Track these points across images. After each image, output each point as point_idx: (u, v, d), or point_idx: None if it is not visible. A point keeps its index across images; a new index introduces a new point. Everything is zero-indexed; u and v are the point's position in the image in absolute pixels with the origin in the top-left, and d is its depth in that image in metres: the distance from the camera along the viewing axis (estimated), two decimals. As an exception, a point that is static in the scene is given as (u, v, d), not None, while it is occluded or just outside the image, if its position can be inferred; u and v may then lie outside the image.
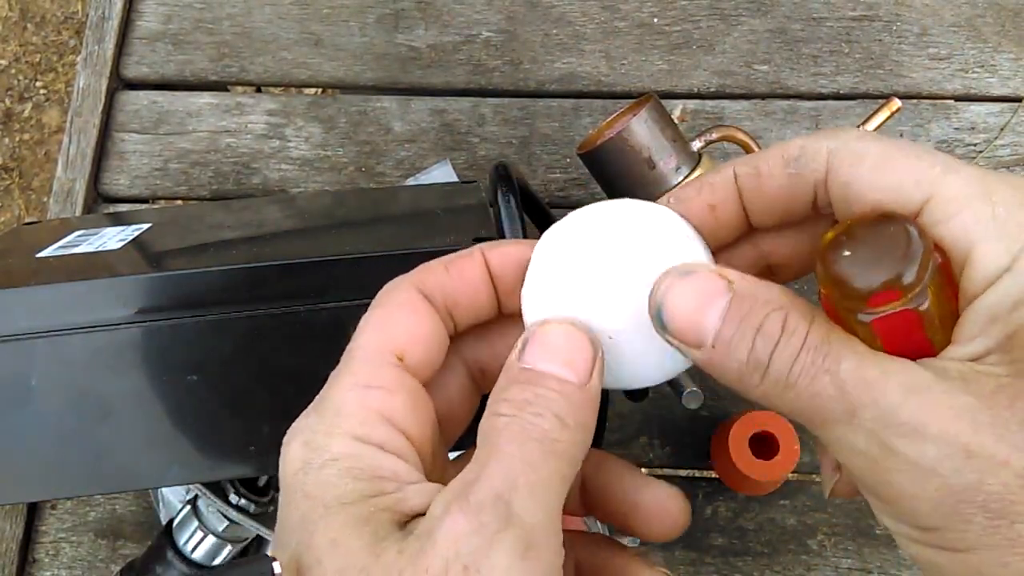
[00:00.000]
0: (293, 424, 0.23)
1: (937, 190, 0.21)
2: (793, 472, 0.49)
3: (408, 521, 0.21)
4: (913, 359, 0.21)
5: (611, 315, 0.23)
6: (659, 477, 0.55)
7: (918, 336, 0.21)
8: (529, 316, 0.24)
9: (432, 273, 0.25)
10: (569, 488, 0.21)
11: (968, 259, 0.21)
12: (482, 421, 0.22)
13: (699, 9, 0.64)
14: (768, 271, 0.27)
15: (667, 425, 0.55)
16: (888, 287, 0.20)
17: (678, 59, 0.63)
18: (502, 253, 0.25)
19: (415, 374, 0.24)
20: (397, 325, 0.24)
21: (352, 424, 0.22)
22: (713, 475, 0.54)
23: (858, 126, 0.43)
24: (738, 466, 0.48)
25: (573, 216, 0.25)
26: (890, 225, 0.21)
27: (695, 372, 0.28)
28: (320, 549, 0.20)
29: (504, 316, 0.26)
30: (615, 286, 0.23)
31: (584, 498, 0.27)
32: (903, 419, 0.19)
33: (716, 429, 0.53)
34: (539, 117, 0.62)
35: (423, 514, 0.21)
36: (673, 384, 0.48)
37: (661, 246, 0.24)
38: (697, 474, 0.55)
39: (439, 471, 0.24)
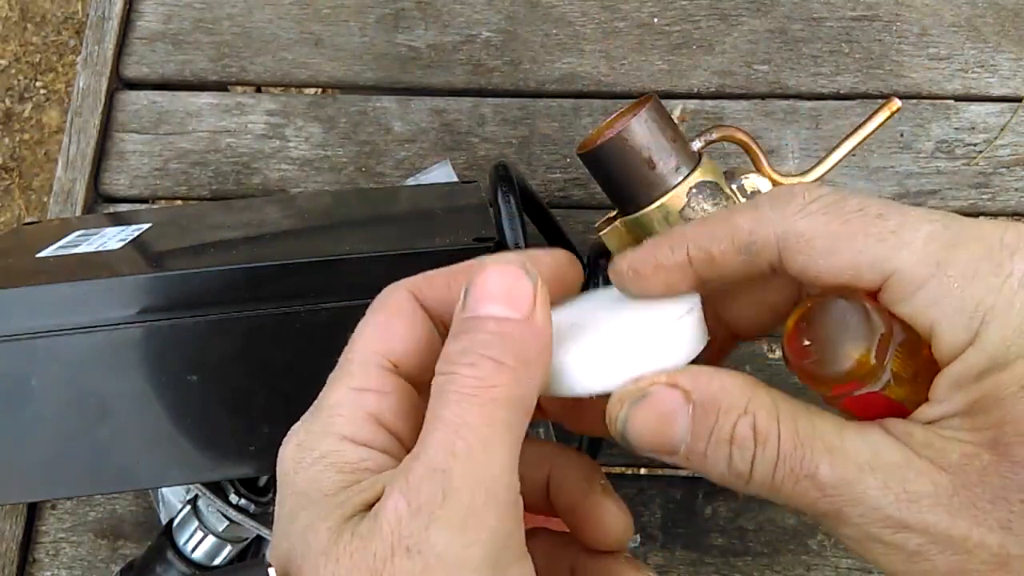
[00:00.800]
0: (292, 428, 0.24)
1: (893, 268, 0.21)
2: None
3: (374, 503, 0.21)
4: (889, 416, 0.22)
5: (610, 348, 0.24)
6: (659, 477, 0.55)
7: (888, 405, 0.22)
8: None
9: (433, 287, 0.25)
10: (523, 432, 0.21)
11: (932, 335, 0.21)
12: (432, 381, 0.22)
13: (699, 9, 0.64)
14: (729, 334, 0.28)
15: (667, 425, 0.55)
16: (849, 378, 0.21)
17: (678, 59, 0.63)
18: (505, 258, 0.26)
19: (409, 378, 0.24)
20: (393, 331, 0.24)
21: (342, 424, 0.23)
22: (713, 475, 0.54)
23: (858, 126, 0.43)
24: (738, 466, 0.48)
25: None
26: (847, 309, 0.21)
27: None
28: (297, 535, 0.21)
29: None
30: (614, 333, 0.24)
31: (547, 498, 0.27)
32: (887, 514, 0.20)
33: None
34: (539, 117, 0.62)
35: None
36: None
37: (645, 330, 0.24)
38: (697, 474, 0.55)
39: None
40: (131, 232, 0.43)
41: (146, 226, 0.44)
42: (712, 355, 0.28)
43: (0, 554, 0.54)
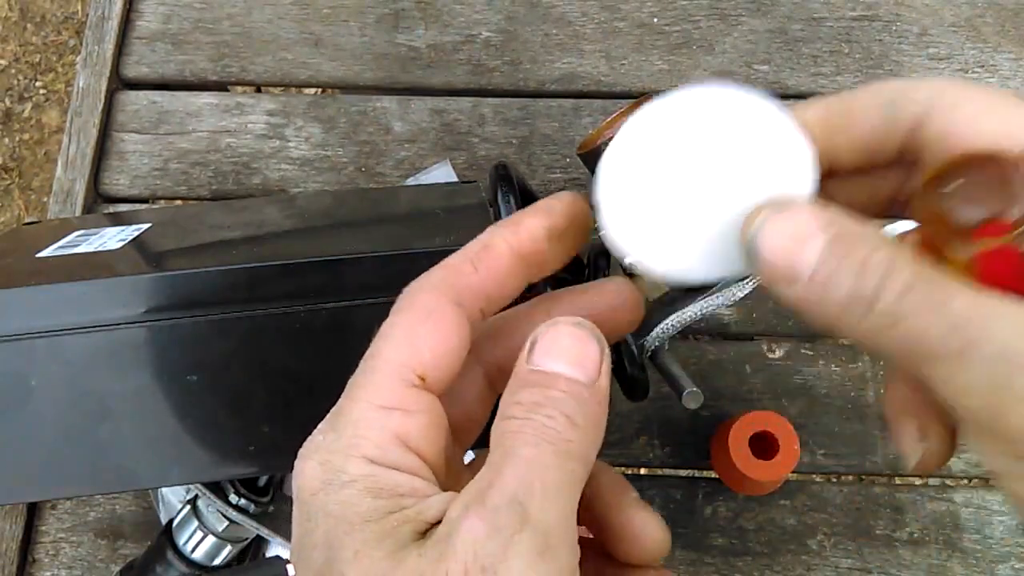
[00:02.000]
0: (309, 438, 0.23)
1: None
2: (793, 472, 0.49)
3: (427, 530, 0.21)
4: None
5: (691, 206, 0.23)
6: (659, 477, 0.55)
7: (1019, 276, 0.21)
8: (605, 215, 0.24)
9: (462, 275, 0.25)
10: (582, 488, 0.22)
11: None
12: (494, 425, 0.22)
13: (699, 9, 0.64)
14: None
15: (667, 425, 0.55)
16: (993, 220, 0.20)
17: (678, 59, 0.63)
18: (523, 233, 0.25)
19: (435, 390, 0.24)
20: (423, 340, 0.24)
21: (368, 447, 0.22)
22: (713, 475, 0.54)
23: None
24: (738, 466, 0.48)
25: (671, 96, 0.23)
26: (995, 163, 0.21)
27: (695, 373, 0.28)
28: (343, 562, 0.21)
29: (519, 316, 0.27)
30: (704, 180, 0.23)
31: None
32: (1020, 352, 0.19)
33: (716, 429, 0.53)
34: (539, 117, 0.62)
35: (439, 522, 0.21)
36: (673, 384, 0.48)
37: (765, 148, 0.23)
38: (697, 474, 0.55)
39: (454, 479, 0.24)
40: (131, 232, 0.43)
41: (146, 226, 0.44)
42: None
43: (0, 554, 0.54)
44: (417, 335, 0.24)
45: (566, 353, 0.23)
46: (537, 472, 0.21)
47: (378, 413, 0.23)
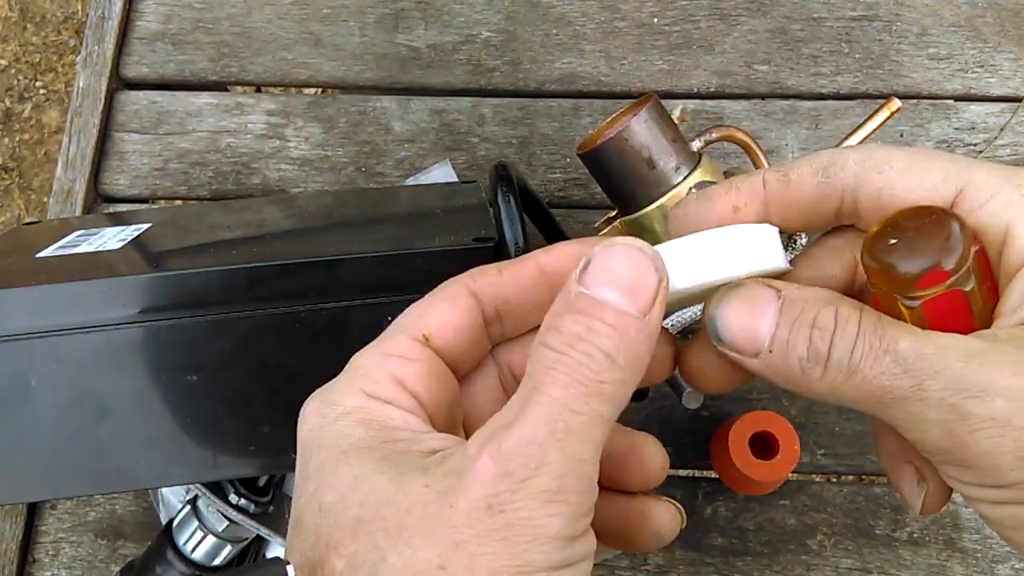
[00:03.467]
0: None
1: (966, 181, 0.23)
2: (793, 472, 0.49)
3: (426, 460, 0.21)
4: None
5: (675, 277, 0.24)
6: (659, 477, 0.55)
7: (964, 316, 0.22)
8: None
9: (485, 274, 0.26)
10: (612, 424, 0.22)
11: (1006, 238, 0.22)
12: (533, 346, 0.22)
13: (699, 9, 0.64)
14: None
15: (667, 425, 0.55)
16: (935, 269, 0.21)
17: (678, 59, 0.63)
18: (557, 254, 0.26)
19: (440, 353, 0.24)
20: (430, 310, 0.25)
21: (365, 382, 0.23)
22: (713, 475, 0.54)
23: (858, 126, 0.43)
24: (738, 466, 0.48)
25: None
26: (931, 215, 0.22)
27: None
28: (343, 485, 0.21)
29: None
30: (685, 264, 0.24)
31: None
32: (969, 382, 0.20)
33: (716, 429, 0.53)
34: (539, 117, 0.62)
35: (443, 450, 0.21)
36: (673, 384, 0.48)
37: (739, 240, 0.24)
38: (697, 474, 0.55)
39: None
40: (131, 232, 0.43)
41: (146, 226, 0.44)
42: None
43: (0, 554, 0.54)
44: (428, 307, 0.25)
45: (619, 279, 0.22)
46: (562, 415, 0.20)
47: (379, 357, 0.24)
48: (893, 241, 0.22)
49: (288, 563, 0.21)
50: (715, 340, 0.24)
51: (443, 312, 0.25)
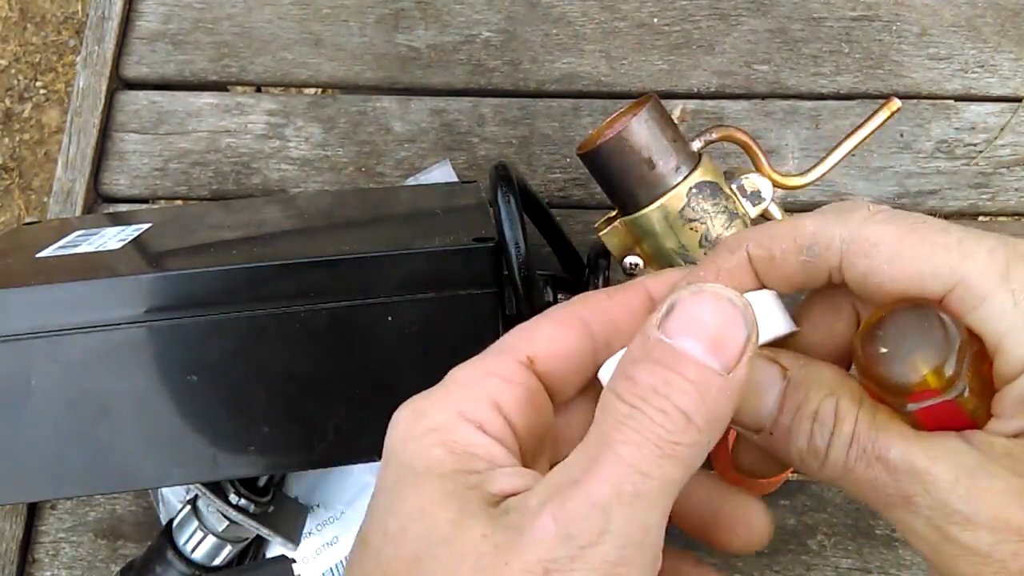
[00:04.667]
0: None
1: (957, 279, 0.21)
2: (793, 472, 0.49)
3: (499, 502, 0.20)
4: (957, 431, 0.21)
5: None
6: (659, 477, 0.55)
7: (960, 419, 0.22)
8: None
9: (593, 300, 0.25)
10: (679, 491, 0.20)
11: (998, 349, 0.21)
12: (604, 392, 0.21)
13: (699, 9, 0.64)
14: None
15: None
16: (928, 384, 0.21)
17: (678, 59, 0.63)
18: (665, 279, 0.25)
19: (543, 377, 0.23)
20: (540, 331, 0.24)
21: (461, 399, 0.22)
22: (713, 475, 0.54)
23: (858, 126, 0.43)
24: (738, 466, 0.48)
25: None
26: (923, 316, 0.21)
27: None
28: (407, 515, 0.20)
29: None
30: None
31: None
32: (956, 508, 0.20)
33: (716, 429, 0.53)
34: (539, 117, 0.62)
35: (513, 495, 0.20)
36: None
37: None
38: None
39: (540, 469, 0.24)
40: (131, 232, 0.43)
41: (146, 226, 0.44)
42: None
43: (0, 554, 0.54)
44: (537, 328, 0.24)
45: (705, 330, 0.20)
46: (631, 478, 0.19)
47: (480, 374, 0.23)
48: (883, 350, 0.21)
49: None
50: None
51: (552, 335, 0.23)
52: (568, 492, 0.19)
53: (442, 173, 0.60)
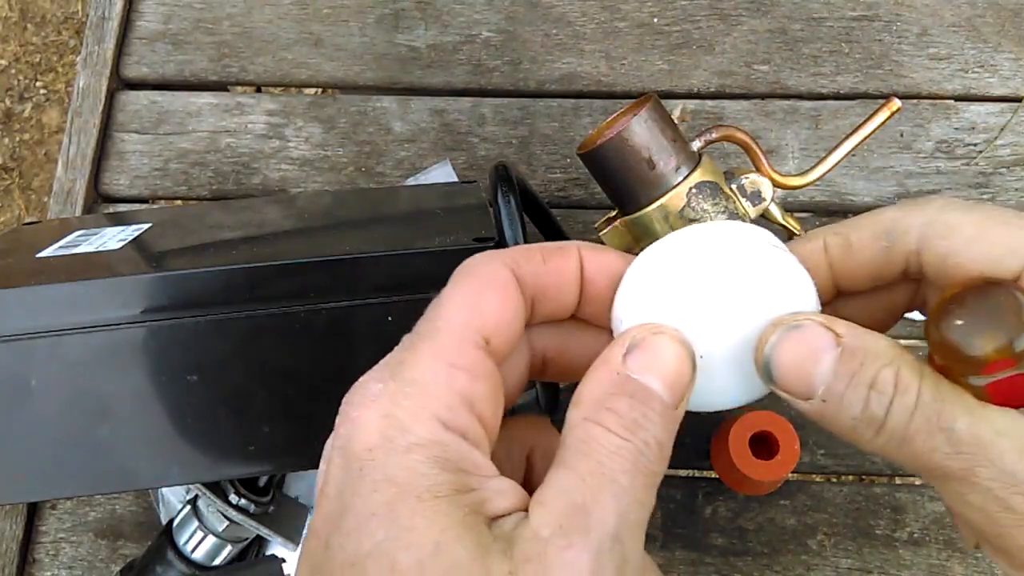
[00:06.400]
0: (360, 384, 0.22)
1: None
2: (793, 472, 0.49)
3: (492, 521, 0.20)
4: (1020, 407, 0.22)
5: (708, 336, 0.23)
6: (659, 477, 0.55)
7: None
8: (623, 330, 0.24)
9: (530, 259, 0.24)
10: None
11: None
12: (578, 421, 0.21)
13: (699, 9, 0.64)
14: None
15: (667, 425, 0.55)
16: (1002, 355, 0.21)
17: (678, 59, 0.63)
18: (601, 260, 0.25)
19: (496, 358, 0.23)
20: (487, 305, 0.23)
21: (438, 406, 0.21)
22: (713, 475, 0.54)
23: (858, 126, 0.43)
24: (738, 466, 0.48)
25: (679, 234, 0.24)
26: (999, 293, 0.22)
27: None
28: (422, 548, 0.19)
29: (578, 318, 0.26)
30: (718, 309, 0.23)
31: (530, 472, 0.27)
32: (1020, 479, 0.20)
33: (716, 429, 0.53)
34: (539, 117, 0.62)
35: (505, 515, 0.20)
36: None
37: (772, 281, 0.23)
38: (697, 474, 0.55)
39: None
40: (131, 232, 0.43)
41: (146, 226, 0.44)
42: None
43: (0, 554, 0.54)
44: (482, 299, 0.23)
45: (665, 371, 0.22)
46: (632, 507, 0.20)
47: (447, 371, 0.21)
48: (959, 322, 0.22)
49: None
50: (765, 379, 0.23)
51: (499, 309, 0.23)
52: (585, 522, 0.19)
53: (442, 173, 0.60)
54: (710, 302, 0.23)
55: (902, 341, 0.25)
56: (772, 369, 0.23)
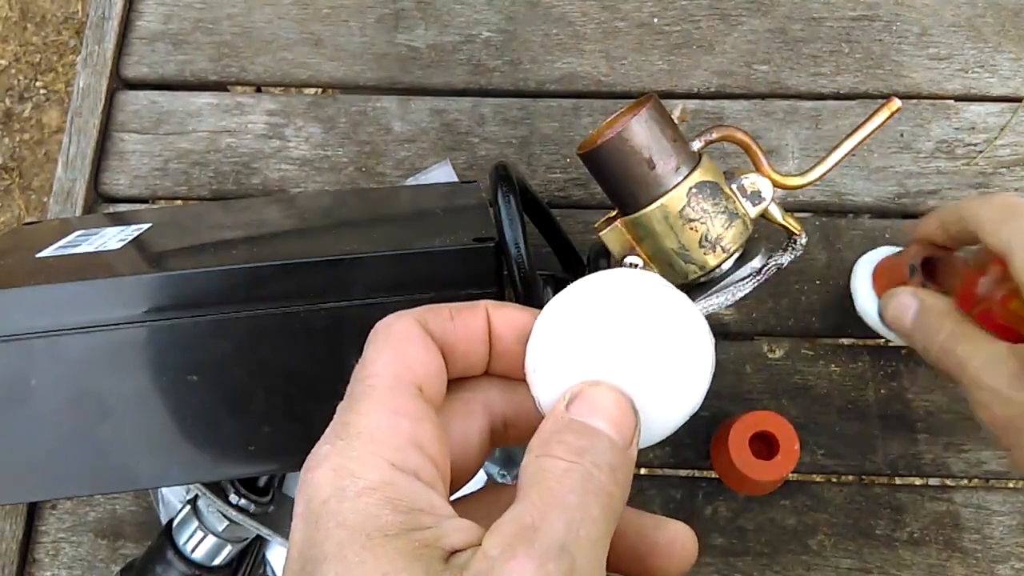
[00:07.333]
0: (314, 451, 0.22)
1: None
2: (793, 472, 0.49)
3: (449, 557, 0.20)
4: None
5: (628, 378, 0.24)
6: (659, 477, 0.55)
7: (999, 327, 0.40)
8: (539, 378, 0.24)
9: (437, 316, 0.25)
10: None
11: None
12: (530, 460, 0.22)
13: (699, 9, 0.64)
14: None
15: (667, 425, 0.55)
16: (965, 295, 0.42)
17: (678, 59, 0.63)
18: (507, 315, 0.25)
19: (432, 406, 0.24)
20: (412, 357, 0.24)
21: (387, 450, 0.21)
22: (713, 475, 0.54)
23: (858, 126, 0.43)
24: (738, 466, 0.48)
25: (579, 284, 0.25)
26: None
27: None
28: None
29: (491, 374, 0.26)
30: (627, 351, 0.24)
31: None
32: (981, 386, 0.38)
33: (716, 429, 0.53)
34: (539, 117, 0.62)
35: (464, 549, 0.20)
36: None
37: (669, 320, 0.24)
38: (697, 474, 0.55)
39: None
40: (131, 232, 0.43)
41: (146, 226, 0.44)
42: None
43: (0, 554, 0.54)
44: (405, 353, 0.24)
45: (608, 414, 0.23)
46: (584, 523, 0.20)
47: (391, 418, 0.22)
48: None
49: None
50: (881, 320, 0.47)
51: (422, 359, 0.24)
52: (534, 536, 0.20)
53: (442, 173, 0.60)
54: (619, 346, 0.24)
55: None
56: (886, 315, 0.46)
